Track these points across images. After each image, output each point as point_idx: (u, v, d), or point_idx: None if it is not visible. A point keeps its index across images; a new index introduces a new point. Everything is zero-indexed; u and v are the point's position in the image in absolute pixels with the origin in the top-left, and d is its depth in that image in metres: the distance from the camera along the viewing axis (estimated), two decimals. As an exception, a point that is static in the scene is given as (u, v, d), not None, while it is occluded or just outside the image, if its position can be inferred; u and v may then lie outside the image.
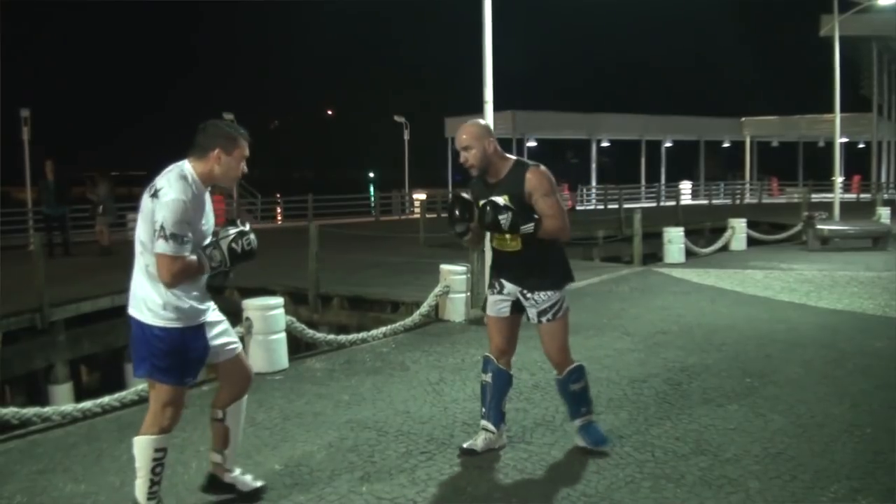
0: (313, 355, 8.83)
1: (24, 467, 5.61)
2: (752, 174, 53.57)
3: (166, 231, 4.11)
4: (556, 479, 5.13)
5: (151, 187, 4.23)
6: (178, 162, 4.36)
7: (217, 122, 4.48)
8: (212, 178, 4.37)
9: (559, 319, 5.39)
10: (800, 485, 5.00)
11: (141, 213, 4.26)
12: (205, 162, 4.33)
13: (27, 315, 13.02)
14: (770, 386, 7.19)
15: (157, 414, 4.38)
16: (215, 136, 4.35)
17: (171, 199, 4.14)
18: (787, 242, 21.68)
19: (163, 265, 4.14)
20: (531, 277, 5.33)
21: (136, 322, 4.31)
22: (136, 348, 4.35)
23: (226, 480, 4.83)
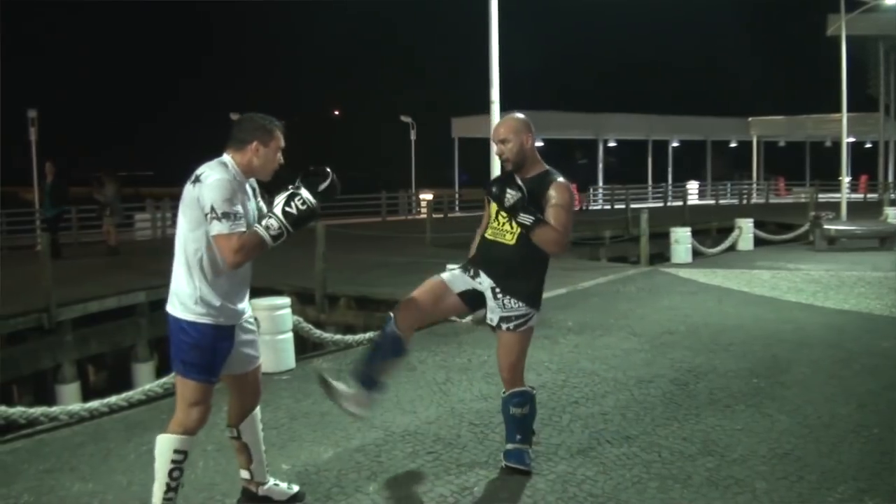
0: (320, 355, 8.85)
1: (31, 466, 5.62)
2: (759, 174, 53.52)
3: (217, 211, 4.06)
4: (563, 478, 5.13)
5: (192, 176, 4.19)
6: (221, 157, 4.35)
7: (253, 115, 4.45)
8: (251, 170, 4.37)
9: (520, 332, 5.09)
10: (806, 485, 4.99)
11: (183, 203, 4.21)
12: (243, 154, 4.32)
13: (34, 315, 13.07)
14: (777, 386, 7.19)
15: (183, 413, 4.30)
16: (252, 129, 4.34)
17: (216, 179, 4.12)
18: (794, 242, 21.66)
19: (223, 245, 4.11)
20: (512, 279, 5.06)
21: (170, 318, 4.33)
22: (172, 344, 4.35)
23: (260, 494, 4.77)
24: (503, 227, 5.06)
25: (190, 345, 4.25)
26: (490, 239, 5.15)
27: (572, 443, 5.79)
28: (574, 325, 9.89)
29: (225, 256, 4.15)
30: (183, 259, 4.27)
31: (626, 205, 28.30)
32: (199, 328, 4.24)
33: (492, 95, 10.21)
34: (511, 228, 5.00)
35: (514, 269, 5.05)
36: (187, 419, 4.29)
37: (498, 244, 5.08)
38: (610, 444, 5.74)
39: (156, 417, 6.63)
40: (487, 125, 10.17)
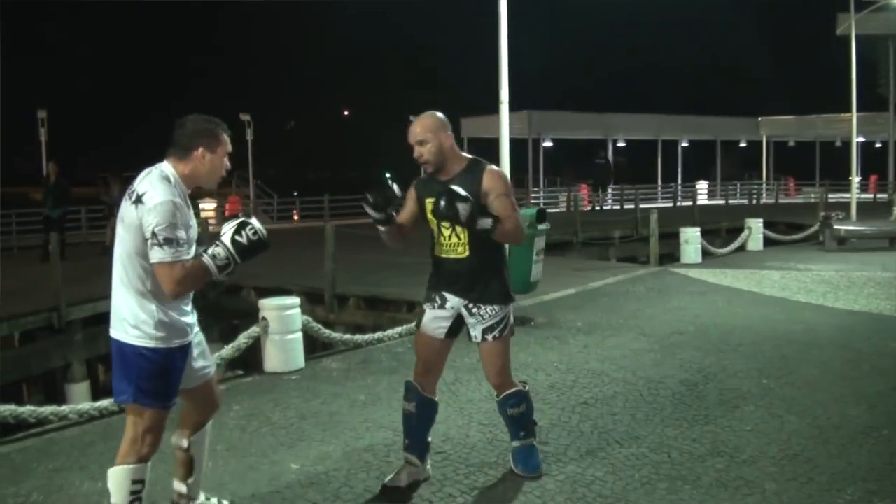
0: (329, 355, 8.85)
1: (41, 465, 5.65)
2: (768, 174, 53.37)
3: (159, 237, 3.77)
4: (573, 479, 5.13)
5: (132, 193, 3.92)
6: (156, 164, 4.05)
7: (197, 118, 4.12)
8: (195, 179, 4.08)
9: (504, 338, 4.93)
10: (816, 487, 4.99)
11: (122, 223, 3.94)
12: (186, 162, 4.02)
13: (44, 314, 13.09)
14: (787, 387, 7.17)
15: (136, 441, 4.03)
16: (197, 135, 4.03)
17: (160, 202, 3.81)
18: (803, 243, 21.59)
19: (164, 274, 3.81)
20: (478, 288, 4.84)
21: (119, 344, 4.00)
22: (119, 372, 4.03)
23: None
24: (450, 240, 4.84)
25: (150, 371, 3.96)
26: (443, 257, 4.91)
27: (581, 443, 5.79)
28: (583, 326, 9.88)
29: (165, 285, 3.84)
30: (131, 282, 3.95)
31: (635, 205, 28.19)
32: (160, 353, 3.96)
33: (501, 95, 10.18)
34: (460, 240, 4.78)
35: (476, 279, 4.84)
36: (142, 447, 4.05)
37: (452, 260, 4.86)
38: (619, 445, 5.74)
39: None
40: (497, 125, 10.17)
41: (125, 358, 3.99)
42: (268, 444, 5.92)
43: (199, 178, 4.08)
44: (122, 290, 3.99)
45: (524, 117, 39.77)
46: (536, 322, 10.16)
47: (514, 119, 14.50)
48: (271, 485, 5.15)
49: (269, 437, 6.08)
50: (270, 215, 34.95)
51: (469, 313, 4.88)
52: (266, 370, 8.03)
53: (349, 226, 25.31)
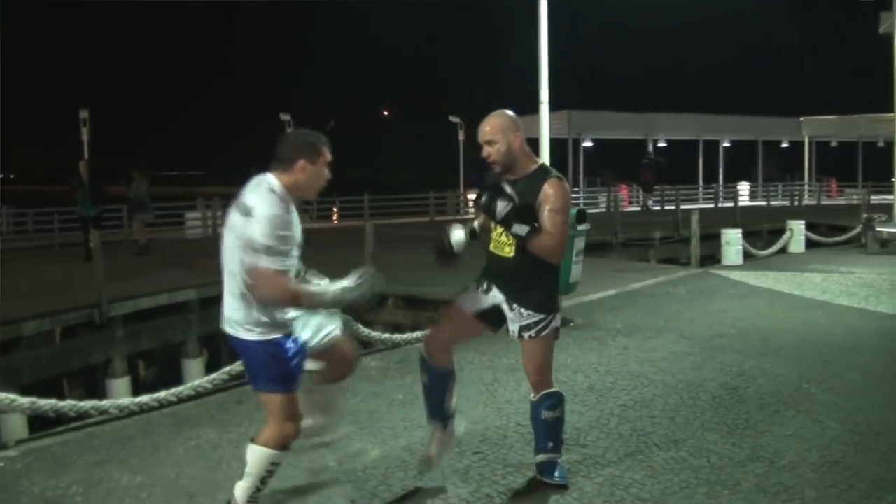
0: (368, 354, 8.87)
1: (80, 458, 5.71)
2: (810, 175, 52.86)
3: (265, 246, 4.05)
4: (611, 482, 5.11)
5: (240, 205, 4.19)
6: (261, 175, 4.30)
7: (298, 132, 4.47)
8: (297, 189, 4.32)
9: (543, 338, 4.86)
10: (856, 494, 4.94)
11: (231, 232, 4.23)
12: (290, 174, 4.27)
13: (86, 310, 13.23)
14: (827, 392, 7.10)
15: (280, 427, 4.37)
16: (298, 147, 4.30)
17: (266, 215, 4.08)
18: (845, 245, 21.35)
19: (263, 280, 4.09)
20: (517, 290, 4.85)
21: (235, 340, 4.34)
22: (247, 365, 4.44)
23: None
24: (500, 238, 4.89)
25: (267, 362, 4.27)
26: (492, 251, 4.97)
27: (620, 446, 5.76)
28: (623, 327, 9.84)
29: (261, 290, 4.12)
30: (239, 286, 4.25)
31: (676, 205, 28.04)
32: (270, 344, 4.26)
33: (541, 95, 10.16)
34: (508, 240, 4.81)
35: (518, 282, 4.84)
36: (284, 433, 4.37)
37: (499, 257, 4.91)
38: (658, 448, 5.71)
39: (205, 413, 6.71)
40: (537, 125, 10.15)
41: (243, 353, 4.37)
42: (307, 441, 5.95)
43: (300, 188, 4.33)
44: (233, 291, 4.29)
45: (564, 117, 39.64)
46: (576, 323, 10.13)
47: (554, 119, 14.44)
48: (310, 481, 5.18)
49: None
50: (310, 215, 35.09)
51: (510, 308, 4.88)
52: (305, 368, 8.04)
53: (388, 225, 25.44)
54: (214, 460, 5.59)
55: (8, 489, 5.19)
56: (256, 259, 4.06)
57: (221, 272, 4.36)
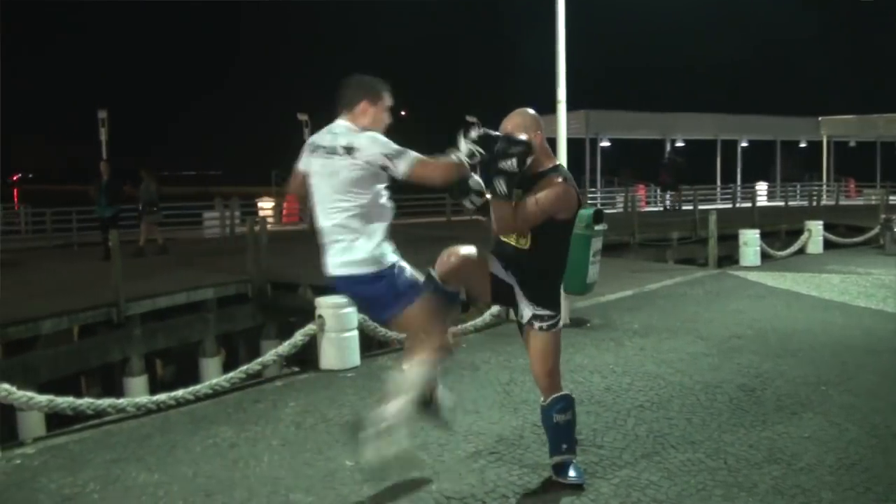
0: (385, 353, 8.88)
1: (98, 456, 5.74)
2: (828, 175, 52.61)
3: (395, 151, 4.43)
4: (627, 483, 5.10)
5: (332, 148, 4.49)
6: (332, 124, 4.62)
7: (359, 77, 4.70)
8: (363, 130, 4.56)
9: (553, 333, 4.86)
10: (873, 497, 4.91)
11: (336, 178, 4.49)
12: (353, 115, 4.59)
13: (104, 309, 13.32)
14: (845, 394, 7.07)
15: (429, 339, 4.60)
16: (360, 89, 4.61)
17: (371, 135, 4.47)
18: (864, 246, 21.24)
19: (422, 171, 4.46)
20: (529, 284, 4.82)
21: (352, 279, 4.59)
22: (369, 304, 4.79)
23: None
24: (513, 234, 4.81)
25: (391, 283, 4.54)
26: (504, 240, 4.87)
27: (636, 447, 5.75)
28: (640, 328, 9.82)
29: (433, 178, 4.51)
30: (354, 225, 4.52)
31: (693, 206, 27.97)
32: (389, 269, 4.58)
33: (558, 95, 10.12)
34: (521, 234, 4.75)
35: (530, 273, 4.81)
36: (436, 339, 4.63)
37: (513, 247, 4.82)
38: (675, 450, 5.70)
39: (222, 411, 6.73)
40: (554, 125, 10.12)
41: (366, 289, 4.61)
42: (323, 440, 5.96)
43: (365, 128, 4.58)
44: (338, 237, 4.59)
45: (581, 117, 39.55)
46: (592, 323, 10.12)
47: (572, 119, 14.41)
48: (325, 481, 5.18)
49: (325, 433, 6.12)
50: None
51: (521, 295, 4.85)
52: (322, 367, 8.08)
53: (405, 225, 25.44)
54: (231, 459, 5.61)
55: (25, 486, 5.22)
56: (398, 165, 4.43)
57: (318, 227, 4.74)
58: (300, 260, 18.61)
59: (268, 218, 25.12)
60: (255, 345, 15.89)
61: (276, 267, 16.51)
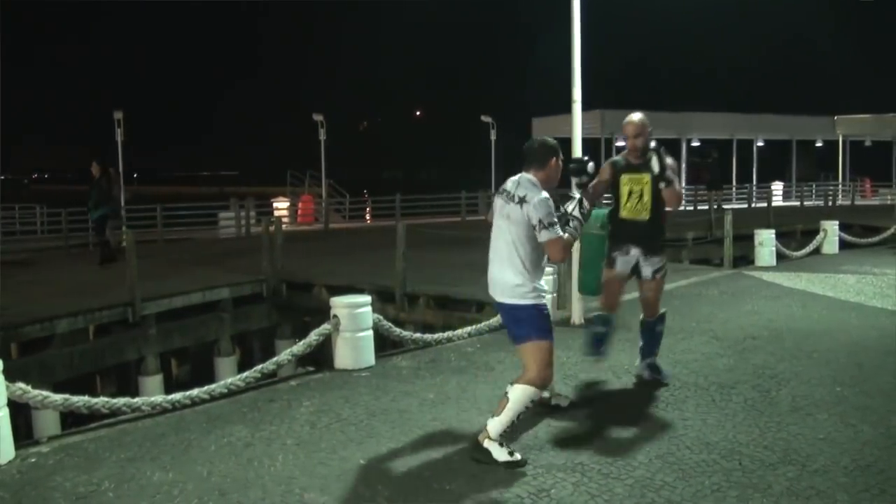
0: (399, 353, 8.88)
1: (113, 454, 5.76)
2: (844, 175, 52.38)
3: (545, 222, 5.34)
4: (641, 483, 5.10)
5: (513, 196, 5.50)
6: (519, 174, 5.65)
7: (543, 140, 5.75)
8: (547, 182, 5.61)
9: (663, 278, 7.22)
10: (889, 499, 4.89)
11: (506, 218, 5.53)
12: (545, 170, 5.62)
13: (119, 308, 13.38)
14: (861, 395, 7.04)
15: (541, 370, 5.50)
16: (548, 150, 5.65)
17: (541, 199, 5.38)
18: (879, 246, 21.12)
19: (553, 247, 5.40)
20: (652, 244, 7.03)
21: (510, 306, 5.58)
22: (513, 325, 5.63)
23: (551, 403, 6.57)
24: (636, 206, 6.96)
25: (537, 316, 5.52)
26: (628, 219, 6.99)
27: (651, 448, 5.75)
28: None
29: (554, 255, 5.47)
30: (515, 262, 5.51)
31: (709, 206, 27.88)
32: (539, 307, 5.54)
33: (574, 94, 10.10)
34: (643, 206, 6.93)
35: (652, 237, 7.04)
36: (545, 375, 5.56)
37: (636, 222, 6.97)
38: (689, 451, 5.69)
39: (237, 411, 6.75)
40: (568, 125, 10.11)
41: (517, 314, 5.58)
42: (337, 440, 5.98)
43: (549, 180, 5.66)
44: (508, 268, 5.57)
45: (597, 116, 39.49)
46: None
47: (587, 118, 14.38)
48: (340, 480, 5.19)
49: (339, 433, 6.13)
50: (342, 215, 35.18)
51: (645, 258, 7.07)
52: (336, 367, 8.09)
53: (420, 225, 25.46)
54: (246, 458, 5.62)
55: (40, 485, 5.25)
56: (541, 234, 5.38)
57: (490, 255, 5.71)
58: (315, 260, 18.68)
59: (283, 218, 25.14)
60: (270, 344, 15.95)
61: (290, 267, 16.55)
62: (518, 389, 5.45)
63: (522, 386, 5.45)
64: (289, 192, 38.15)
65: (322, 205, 33.36)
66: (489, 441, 5.46)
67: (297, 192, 37.18)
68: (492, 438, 5.45)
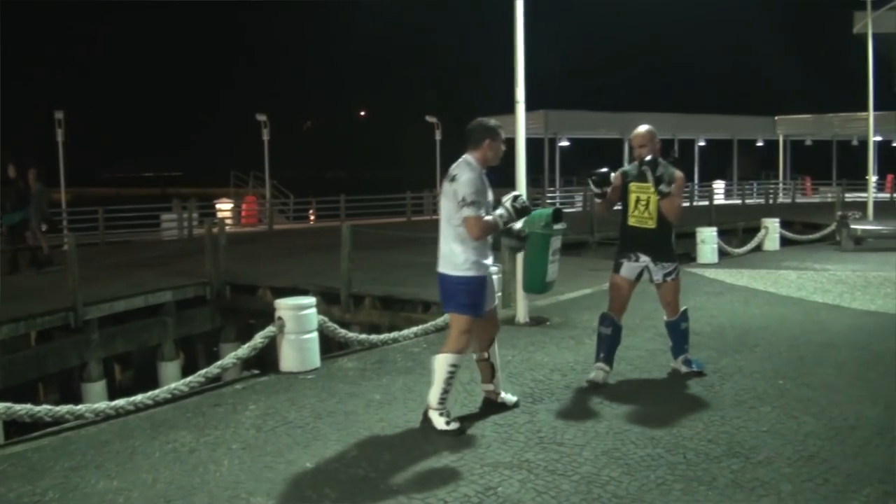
0: (345, 355, 8.85)
1: (57, 464, 5.67)
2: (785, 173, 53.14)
3: (468, 200, 5.75)
4: (588, 479, 5.13)
5: (449, 176, 5.95)
6: (463, 156, 6.04)
7: (480, 121, 6.14)
8: (486, 161, 6.05)
9: (677, 279, 7.35)
10: (832, 488, 4.97)
11: (444, 196, 5.96)
12: (480, 150, 6.02)
13: (61, 314, 13.16)
14: (803, 388, 7.14)
15: (457, 339, 6.02)
16: (484, 131, 6.03)
17: (468, 178, 5.82)
18: (820, 242, 21.48)
19: (470, 225, 5.79)
20: (661, 252, 7.19)
21: (441, 276, 6.05)
22: (445, 294, 6.07)
23: (497, 401, 6.58)
24: (643, 214, 7.13)
25: (465, 292, 5.95)
26: (635, 226, 7.18)
27: (597, 444, 5.78)
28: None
29: (472, 233, 5.81)
30: (451, 233, 5.93)
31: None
32: (471, 280, 5.94)
33: (517, 95, 10.13)
34: (650, 215, 7.10)
35: (659, 245, 7.20)
36: (459, 343, 6.03)
37: (643, 230, 7.14)
38: (635, 446, 5.73)
39: (181, 416, 6.68)
40: (513, 125, 10.14)
41: (444, 284, 6.06)
42: (284, 443, 5.94)
43: (488, 160, 6.07)
44: (447, 239, 5.99)
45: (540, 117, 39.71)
46: (552, 322, 10.16)
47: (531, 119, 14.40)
48: (287, 483, 5.16)
49: (285, 436, 6.09)
50: (287, 216, 34.98)
51: (655, 264, 7.21)
52: (282, 370, 8.04)
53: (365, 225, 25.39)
54: (191, 464, 5.57)
55: (-17, 495, 5.16)
56: (462, 211, 5.79)
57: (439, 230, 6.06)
58: (259, 262, 18.56)
59: (226, 219, 24.93)
60: (214, 348, 15.81)
61: (234, 269, 16.42)
62: (438, 359, 6.02)
63: (441, 355, 6.02)
64: (232, 192, 37.88)
65: (266, 206, 33.16)
66: (431, 410, 6.04)
67: (241, 193, 36.95)
68: (433, 408, 6.02)
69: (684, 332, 7.58)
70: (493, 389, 6.58)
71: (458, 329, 6.03)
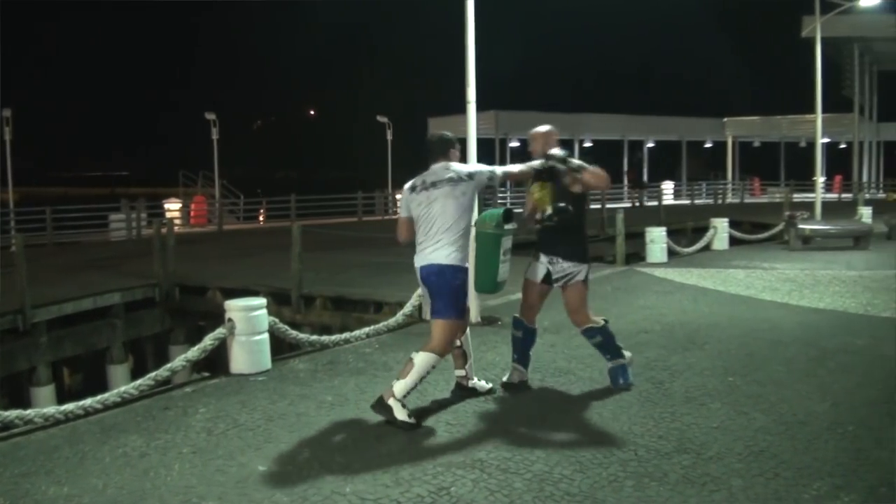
0: (296, 356, 8.80)
1: (6, 470, 5.57)
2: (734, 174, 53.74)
3: (486, 166, 6.75)
4: (540, 477, 5.13)
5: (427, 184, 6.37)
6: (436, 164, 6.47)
7: (440, 135, 6.65)
8: None
9: (580, 284, 6.95)
10: (782, 482, 5.02)
11: (446, 197, 6.28)
12: (449, 158, 6.49)
13: (9, 316, 12.98)
14: (752, 384, 7.22)
15: (443, 344, 6.26)
16: (446, 142, 6.54)
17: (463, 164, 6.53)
18: (768, 242, 21.75)
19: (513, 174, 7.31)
20: (559, 250, 6.94)
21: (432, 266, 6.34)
22: (440, 290, 6.30)
23: (468, 385, 6.89)
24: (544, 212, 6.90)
25: (459, 285, 6.39)
26: (539, 226, 6.99)
27: (549, 441, 5.80)
28: (550, 325, 9.86)
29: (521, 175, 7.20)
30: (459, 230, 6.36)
31: (601, 205, 28.29)
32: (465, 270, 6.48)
33: (468, 95, 10.15)
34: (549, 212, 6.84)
35: (557, 243, 6.95)
36: (445, 349, 6.31)
37: (545, 228, 6.93)
38: (586, 443, 5.76)
39: (131, 420, 6.60)
40: (464, 125, 10.16)
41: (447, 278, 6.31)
42: (235, 446, 5.89)
43: None
44: (453, 238, 6.33)
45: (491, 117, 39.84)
46: (504, 322, 10.17)
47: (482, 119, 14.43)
48: (238, 487, 5.12)
49: (236, 439, 6.05)
50: (236, 215, 34.75)
51: (553, 266, 6.96)
52: (232, 372, 7.98)
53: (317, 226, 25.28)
54: (142, 469, 5.50)
55: (-72, 502, 5.06)
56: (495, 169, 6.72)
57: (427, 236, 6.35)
58: (209, 263, 18.42)
59: (175, 219, 24.72)
60: (163, 350, 15.68)
61: (184, 270, 16.28)
62: (420, 356, 6.18)
63: (424, 353, 6.19)
64: (181, 192, 37.58)
65: (215, 206, 32.93)
66: (394, 400, 6.07)
67: (190, 193, 36.68)
68: (396, 399, 6.07)
69: (599, 346, 7.16)
70: (464, 375, 6.85)
71: (445, 335, 6.27)
